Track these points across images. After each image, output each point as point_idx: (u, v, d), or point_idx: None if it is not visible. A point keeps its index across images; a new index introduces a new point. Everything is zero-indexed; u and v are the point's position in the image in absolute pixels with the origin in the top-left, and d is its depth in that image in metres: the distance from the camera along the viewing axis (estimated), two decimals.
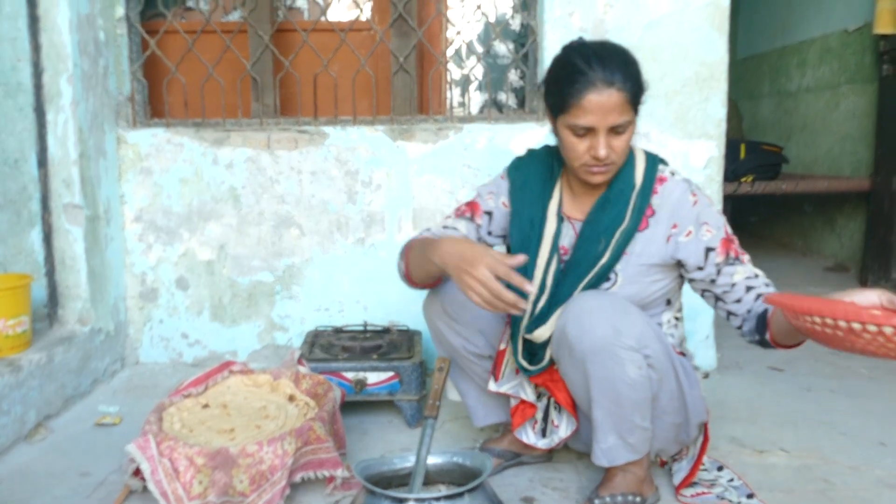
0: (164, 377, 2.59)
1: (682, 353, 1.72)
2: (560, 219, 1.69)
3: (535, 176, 1.74)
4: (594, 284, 1.62)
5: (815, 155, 4.78)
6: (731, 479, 1.80)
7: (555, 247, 1.67)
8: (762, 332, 1.57)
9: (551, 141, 1.73)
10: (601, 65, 1.51)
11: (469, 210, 1.80)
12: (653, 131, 2.47)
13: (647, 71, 1.59)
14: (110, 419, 2.21)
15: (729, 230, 1.64)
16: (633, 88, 1.54)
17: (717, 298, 1.64)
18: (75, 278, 2.40)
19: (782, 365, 2.70)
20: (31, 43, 2.27)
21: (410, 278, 1.74)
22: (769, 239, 5.39)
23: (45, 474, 1.88)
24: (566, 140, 1.58)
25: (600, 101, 1.50)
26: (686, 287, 1.75)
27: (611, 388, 1.53)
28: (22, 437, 2.05)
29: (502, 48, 3.22)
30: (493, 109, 2.69)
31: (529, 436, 1.78)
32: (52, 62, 2.31)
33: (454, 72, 2.94)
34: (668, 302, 1.72)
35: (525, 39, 2.66)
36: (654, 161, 1.68)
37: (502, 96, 3.00)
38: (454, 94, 2.82)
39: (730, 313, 1.64)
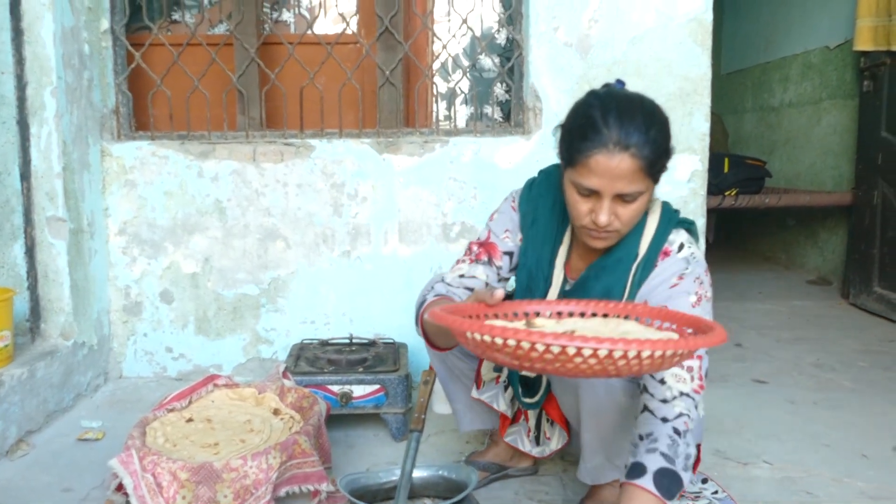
0: (147, 391, 2.57)
1: None
2: (565, 269, 1.61)
3: (546, 212, 1.62)
4: None
5: (798, 169, 4.84)
6: (716, 492, 1.81)
7: (561, 296, 1.58)
8: None
9: (548, 157, 1.71)
10: (619, 123, 1.35)
11: (485, 252, 1.64)
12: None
13: (632, 86, 1.52)
14: (93, 434, 2.19)
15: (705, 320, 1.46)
16: (651, 156, 1.36)
17: None
18: (58, 292, 2.38)
19: (767, 377, 2.72)
20: (15, 55, 2.26)
21: (434, 346, 1.58)
22: (753, 252, 5.43)
23: (27, 490, 1.85)
24: (570, 197, 1.45)
25: (609, 165, 1.34)
26: None
27: (601, 415, 1.51)
28: (3, 453, 2.03)
29: (488, 62, 3.24)
30: (479, 123, 2.70)
31: (524, 443, 1.78)
32: (36, 75, 2.30)
33: (440, 85, 2.96)
34: None
35: (511, 53, 2.68)
36: (666, 227, 1.53)
37: (488, 109, 3.01)
38: (440, 108, 2.83)
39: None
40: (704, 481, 1.85)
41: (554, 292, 1.59)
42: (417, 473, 1.58)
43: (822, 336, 3.28)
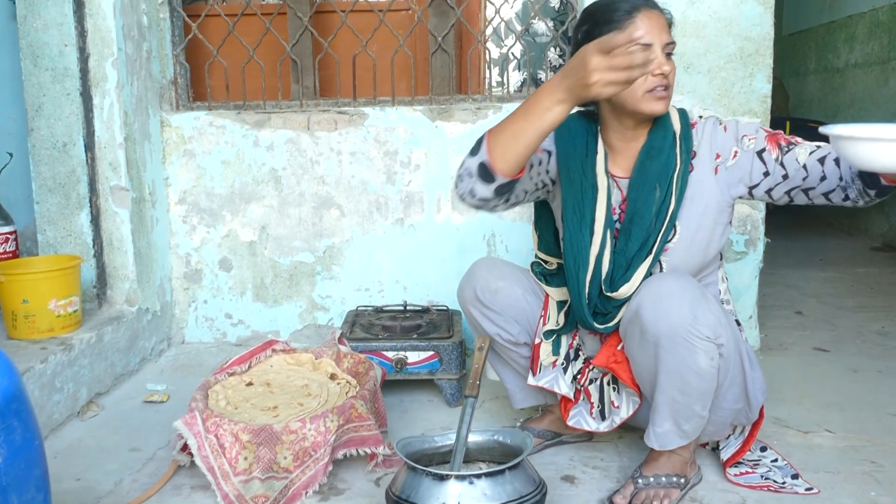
0: (208, 356, 2.64)
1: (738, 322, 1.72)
2: (607, 175, 1.66)
3: (575, 127, 1.69)
4: (664, 237, 1.60)
5: None
6: (776, 460, 1.78)
7: (609, 203, 1.64)
8: (874, 180, 1.44)
9: None
10: None
11: None
12: (695, 108, 2.42)
13: (690, 46, 1.55)
14: (158, 397, 2.26)
15: (768, 128, 1.63)
16: (670, 17, 1.59)
17: (806, 191, 1.57)
18: (122, 259, 2.46)
19: (828, 346, 2.65)
20: (77, 28, 2.31)
21: (495, 167, 1.45)
22: (815, 218, 5.27)
23: (97, 449, 1.93)
24: None
25: (650, 19, 1.52)
26: (727, 268, 1.72)
27: (679, 377, 1.50)
28: (74, 413, 2.12)
29: (541, 26, 3.19)
30: (533, 88, 2.66)
31: (588, 422, 1.73)
32: (98, 47, 2.35)
33: (493, 51, 2.92)
34: (721, 255, 1.75)
35: (564, 17, 2.63)
36: (682, 109, 1.70)
37: (541, 75, 2.97)
38: (493, 74, 2.80)
39: (828, 195, 1.55)
40: (763, 449, 1.82)
41: (602, 201, 1.64)
42: (473, 438, 1.59)
43: (888, 304, 3.18)
